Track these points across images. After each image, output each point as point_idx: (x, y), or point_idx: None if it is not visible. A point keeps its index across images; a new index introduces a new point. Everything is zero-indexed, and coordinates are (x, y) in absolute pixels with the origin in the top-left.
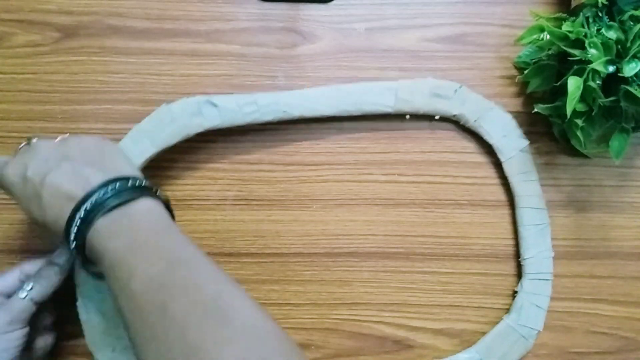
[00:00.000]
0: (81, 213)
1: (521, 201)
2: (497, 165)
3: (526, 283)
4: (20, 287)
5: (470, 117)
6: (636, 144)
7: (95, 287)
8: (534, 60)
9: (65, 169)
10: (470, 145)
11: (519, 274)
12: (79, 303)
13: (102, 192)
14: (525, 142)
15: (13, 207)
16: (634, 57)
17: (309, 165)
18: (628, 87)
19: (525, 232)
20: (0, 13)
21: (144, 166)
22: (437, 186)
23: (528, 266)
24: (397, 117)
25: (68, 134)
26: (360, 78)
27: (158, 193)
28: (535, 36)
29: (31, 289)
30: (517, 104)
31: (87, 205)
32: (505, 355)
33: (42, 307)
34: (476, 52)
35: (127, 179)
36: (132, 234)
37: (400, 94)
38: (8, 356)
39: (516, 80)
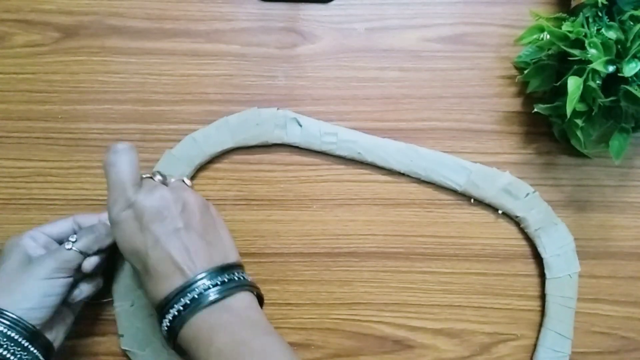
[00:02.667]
0: (184, 301)
1: (550, 323)
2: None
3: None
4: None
5: (532, 224)
6: (636, 144)
7: None
8: (534, 60)
9: (181, 240)
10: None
11: (519, 274)
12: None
13: (206, 282)
14: (576, 268)
15: (13, 207)
16: (634, 57)
17: (309, 165)
18: (628, 87)
19: (542, 354)
20: (0, 13)
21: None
22: (437, 186)
23: None
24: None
25: (186, 179)
26: (360, 78)
27: (251, 282)
28: (535, 36)
29: (75, 241)
30: (517, 104)
31: (192, 294)
32: None
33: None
34: (476, 52)
35: (232, 269)
36: (235, 331)
37: (472, 177)
38: (51, 301)
39: (516, 80)
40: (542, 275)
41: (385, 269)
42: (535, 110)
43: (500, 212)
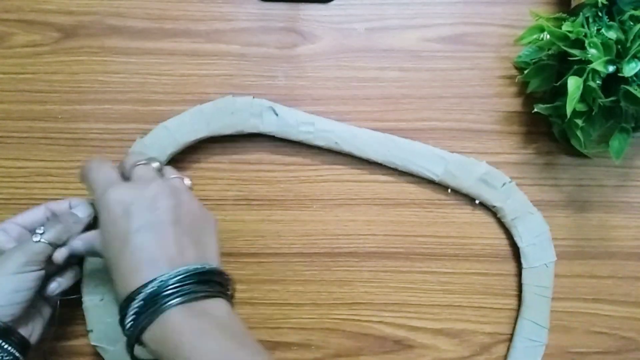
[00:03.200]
0: (151, 295)
1: (526, 312)
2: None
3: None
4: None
5: (509, 214)
6: (636, 144)
7: None
8: (534, 60)
9: (166, 233)
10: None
11: (519, 274)
12: None
13: (181, 278)
14: (552, 257)
15: (13, 207)
16: (634, 57)
17: (309, 165)
18: (628, 87)
19: (518, 344)
20: (0, 13)
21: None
22: (438, 187)
23: None
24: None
25: (186, 179)
26: (360, 78)
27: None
28: (535, 36)
29: (43, 232)
30: (517, 104)
31: (163, 289)
32: None
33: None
34: (476, 52)
35: (212, 274)
36: (208, 339)
37: (450, 167)
38: (22, 297)
39: (516, 80)
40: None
41: (385, 269)
42: (535, 110)
43: (477, 202)
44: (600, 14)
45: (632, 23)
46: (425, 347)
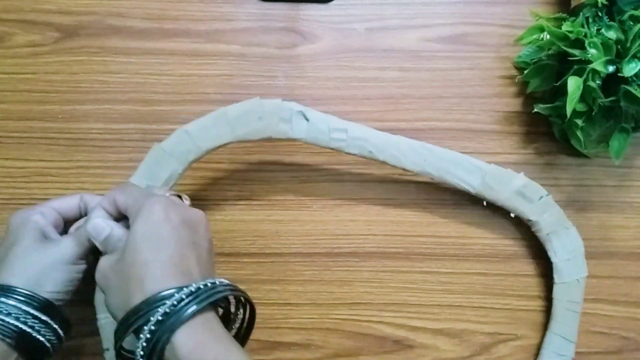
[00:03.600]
0: (168, 306)
1: (555, 327)
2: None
3: None
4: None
5: (544, 228)
6: (636, 144)
7: None
8: (534, 60)
9: (196, 251)
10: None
11: (519, 274)
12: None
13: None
14: (584, 272)
15: (13, 207)
16: (634, 57)
17: (309, 165)
18: (628, 87)
19: (547, 358)
20: (0, 13)
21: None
22: (437, 186)
23: None
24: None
25: (185, 200)
26: (360, 78)
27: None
28: (535, 36)
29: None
30: (517, 104)
31: (176, 300)
32: None
33: None
34: (476, 52)
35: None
36: (218, 348)
37: (487, 179)
38: (73, 286)
39: (516, 80)
40: (543, 276)
41: (385, 269)
42: (535, 110)
43: (512, 215)
44: (600, 14)
45: (632, 23)
46: (425, 347)
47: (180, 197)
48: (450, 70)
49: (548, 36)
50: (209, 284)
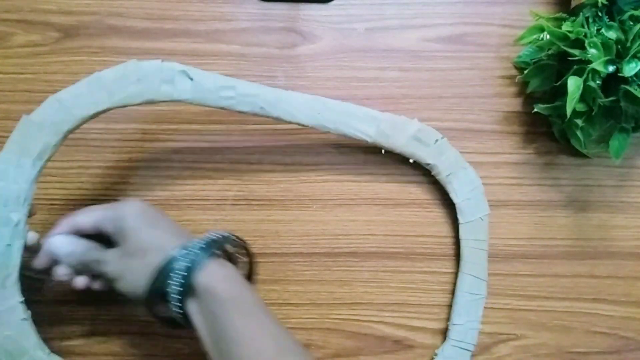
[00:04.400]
0: (192, 253)
1: (465, 267)
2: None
3: (447, 348)
4: None
5: (443, 170)
6: (636, 144)
7: None
8: (534, 60)
9: (174, 224)
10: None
11: (519, 274)
12: None
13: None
14: (486, 210)
15: None
16: (634, 57)
17: (309, 165)
18: (628, 87)
19: (460, 298)
20: (0, 13)
21: (92, 119)
22: (437, 186)
23: (454, 332)
24: (373, 149)
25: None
26: (360, 78)
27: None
28: (535, 36)
29: None
30: (517, 104)
31: (197, 246)
32: None
33: None
34: (476, 52)
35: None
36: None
37: (382, 127)
38: None
39: (516, 80)
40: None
41: (385, 269)
42: (535, 110)
43: (411, 161)
44: (600, 14)
45: (632, 23)
46: (425, 347)
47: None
48: (450, 70)
49: (548, 36)
50: (213, 235)
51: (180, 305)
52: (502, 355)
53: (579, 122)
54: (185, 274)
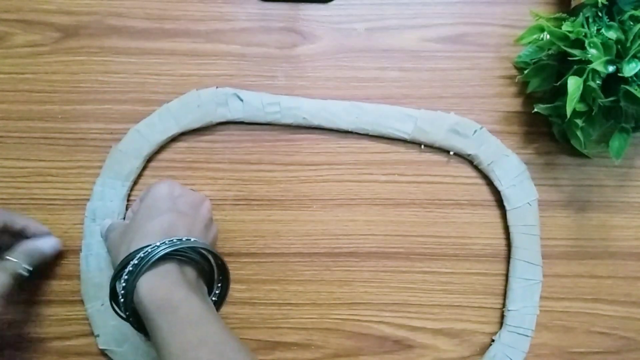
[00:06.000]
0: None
1: (517, 253)
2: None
3: (504, 334)
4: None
5: (484, 160)
6: (636, 144)
7: (100, 243)
8: (534, 60)
9: (173, 221)
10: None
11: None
12: (82, 254)
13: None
14: (534, 195)
15: (13, 207)
16: (634, 57)
17: (309, 165)
18: (628, 87)
19: (514, 284)
20: (0, 13)
21: (164, 144)
22: (437, 186)
23: (510, 318)
24: (413, 145)
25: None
26: (360, 78)
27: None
28: (535, 36)
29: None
30: (517, 104)
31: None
32: None
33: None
34: (476, 52)
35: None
36: (174, 291)
37: (419, 123)
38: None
39: (516, 80)
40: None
41: (385, 269)
42: (535, 110)
43: (451, 153)
44: (600, 14)
45: (632, 23)
46: (425, 347)
47: None
48: (450, 70)
49: (548, 36)
50: (176, 240)
51: (127, 310)
52: None
53: (579, 122)
54: (128, 278)
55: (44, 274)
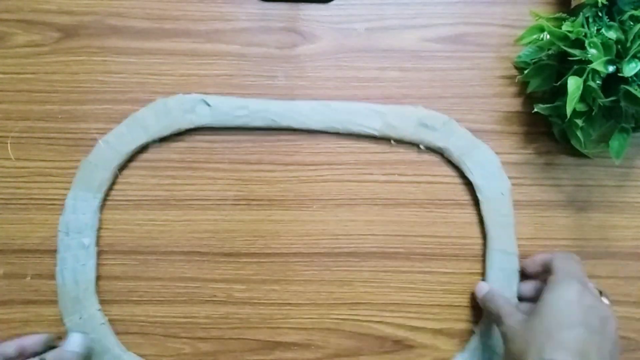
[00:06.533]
0: None
1: (493, 243)
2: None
3: (484, 325)
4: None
5: (455, 152)
6: (636, 144)
7: (75, 257)
8: (534, 60)
9: (585, 338)
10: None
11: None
12: (57, 269)
13: None
14: (506, 185)
15: (13, 207)
16: (634, 57)
17: (309, 165)
18: (628, 87)
19: (492, 276)
20: (0, 13)
21: (134, 153)
22: (437, 186)
23: None
24: (384, 141)
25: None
26: (360, 78)
27: None
28: (535, 36)
29: None
30: (517, 104)
31: None
32: None
33: None
34: (476, 52)
35: None
36: None
37: (387, 119)
38: None
39: (516, 80)
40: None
41: (385, 269)
42: (535, 110)
43: (422, 147)
44: (600, 14)
45: (632, 23)
46: (425, 347)
47: (601, 292)
48: (450, 70)
49: (548, 36)
50: None
51: None
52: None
53: (579, 122)
54: None
55: (45, 274)
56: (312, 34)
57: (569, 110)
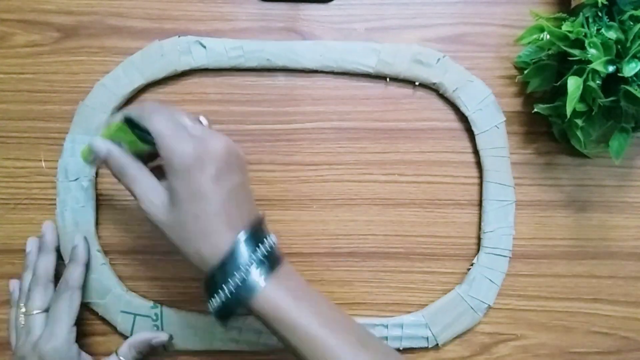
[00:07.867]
0: (233, 283)
1: (488, 175)
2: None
3: (482, 256)
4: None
5: (449, 87)
6: (636, 144)
7: (75, 199)
8: (534, 60)
9: (234, 193)
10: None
11: (519, 274)
12: (57, 211)
13: (248, 252)
14: (501, 118)
15: (13, 207)
16: (634, 57)
17: (309, 165)
18: (628, 87)
19: (488, 207)
20: (0, 13)
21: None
22: (437, 186)
23: (486, 240)
24: (378, 81)
25: (203, 121)
26: (360, 78)
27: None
28: (535, 36)
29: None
30: (517, 104)
31: (240, 274)
32: (451, 324)
33: None
34: (476, 52)
35: (261, 226)
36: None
37: (382, 56)
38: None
39: (516, 80)
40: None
41: (385, 269)
42: (535, 110)
43: (417, 84)
44: (600, 14)
45: (632, 23)
46: (425, 347)
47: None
48: None
49: (548, 36)
50: (270, 245)
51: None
52: (502, 355)
53: (579, 122)
54: (235, 293)
55: None
56: (312, 34)
57: (569, 110)
